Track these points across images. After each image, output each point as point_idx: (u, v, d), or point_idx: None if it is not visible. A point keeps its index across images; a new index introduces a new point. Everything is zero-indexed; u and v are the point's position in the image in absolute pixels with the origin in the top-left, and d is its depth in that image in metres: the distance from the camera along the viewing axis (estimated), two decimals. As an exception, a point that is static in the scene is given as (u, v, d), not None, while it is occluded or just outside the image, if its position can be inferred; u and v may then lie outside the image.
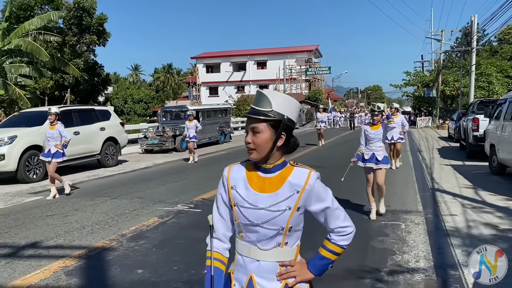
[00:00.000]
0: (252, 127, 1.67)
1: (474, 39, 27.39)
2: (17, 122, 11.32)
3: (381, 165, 6.14)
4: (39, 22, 18.65)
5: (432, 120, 38.30)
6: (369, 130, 6.37)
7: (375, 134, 6.27)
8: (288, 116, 1.66)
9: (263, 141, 1.65)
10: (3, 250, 5.10)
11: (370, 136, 6.30)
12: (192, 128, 13.54)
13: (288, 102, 1.69)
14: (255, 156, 1.69)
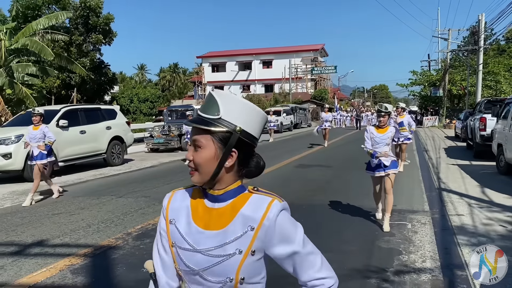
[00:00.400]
0: (193, 140, 1.27)
1: (482, 38, 27.19)
2: (24, 121, 11.36)
3: (389, 170, 5.62)
4: (47, 22, 18.75)
5: (439, 120, 38.11)
6: (375, 133, 5.77)
7: (381, 138, 5.68)
8: (242, 128, 1.23)
9: (205, 159, 1.24)
10: (9, 248, 5.13)
11: (375, 140, 5.72)
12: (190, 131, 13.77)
13: (245, 109, 1.26)
14: (197, 179, 1.28)
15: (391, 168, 5.63)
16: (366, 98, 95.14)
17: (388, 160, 5.62)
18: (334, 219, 6.19)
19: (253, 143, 1.28)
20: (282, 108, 32.67)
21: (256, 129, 1.28)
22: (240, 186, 1.32)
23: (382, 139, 5.68)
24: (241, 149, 1.25)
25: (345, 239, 5.19)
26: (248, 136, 1.25)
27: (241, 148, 1.25)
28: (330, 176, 10.05)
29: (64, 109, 11.60)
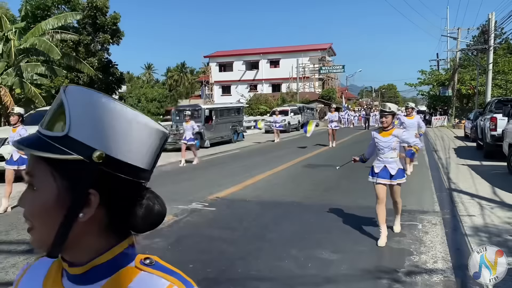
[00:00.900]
0: (26, 173, 0.75)
1: (492, 37, 26.95)
2: (33, 120, 11.45)
3: (396, 180, 5.06)
4: (56, 22, 18.87)
5: (448, 120, 37.83)
6: (379, 137, 5.20)
7: (386, 143, 5.11)
8: (106, 152, 0.70)
9: (42, 208, 0.72)
10: (21, 246, 5.16)
11: (380, 145, 5.16)
12: (188, 130, 12.68)
13: (115, 119, 0.73)
14: (36, 242, 0.73)
15: (397, 178, 5.06)
16: (374, 97, 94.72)
17: (395, 169, 5.05)
18: (344, 219, 6.15)
19: (134, 177, 0.75)
20: (289, 107, 32.62)
21: (139, 154, 0.75)
22: (120, 254, 0.80)
23: (388, 143, 5.10)
24: (108, 189, 0.72)
25: (356, 239, 5.16)
26: (119, 167, 0.72)
27: (108, 189, 0.72)
28: (339, 176, 10.00)
29: (73, 109, 11.65)
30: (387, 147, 5.07)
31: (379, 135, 5.16)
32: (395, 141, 5.08)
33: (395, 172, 5.01)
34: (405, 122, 9.69)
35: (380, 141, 5.12)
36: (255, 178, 9.73)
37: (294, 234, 5.44)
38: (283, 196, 7.86)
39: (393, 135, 5.04)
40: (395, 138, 5.08)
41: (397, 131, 5.14)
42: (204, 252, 4.75)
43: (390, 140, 5.07)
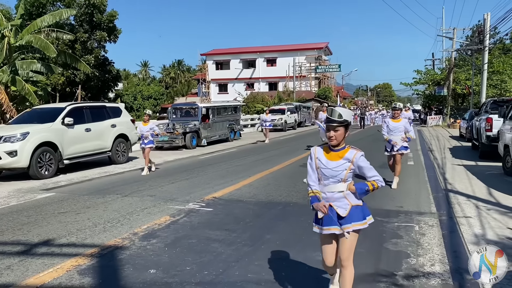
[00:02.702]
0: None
1: (487, 37, 27.03)
2: (29, 118, 11.40)
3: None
4: (51, 19, 18.74)
5: (443, 119, 37.95)
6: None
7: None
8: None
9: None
10: (16, 247, 5.13)
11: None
12: (147, 132, 10.93)
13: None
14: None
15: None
16: (369, 96, 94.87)
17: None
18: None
19: None
20: (286, 106, 32.60)
21: None
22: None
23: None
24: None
25: (352, 241, 5.15)
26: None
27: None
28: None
29: (69, 107, 11.60)
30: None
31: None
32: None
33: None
34: (389, 125, 8.61)
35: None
36: (251, 178, 9.72)
37: (291, 235, 5.43)
38: (280, 196, 7.86)
39: None
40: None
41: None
42: (201, 254, 4.73)
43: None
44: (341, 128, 3.08)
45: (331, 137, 3.09)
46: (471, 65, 34.33)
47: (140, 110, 40.20)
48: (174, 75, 69.32)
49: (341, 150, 3.15)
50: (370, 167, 3.11)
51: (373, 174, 3.13)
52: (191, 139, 17.26)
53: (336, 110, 3.08)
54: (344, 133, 3.10)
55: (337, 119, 3.05)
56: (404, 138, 8.48)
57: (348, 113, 3.10)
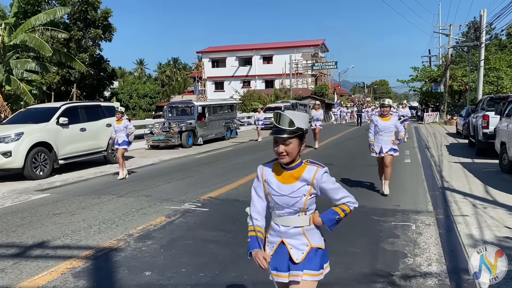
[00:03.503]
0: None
1: (483, 34, 27.04)
2: (23, 118, 11.32)
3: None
4: (45, 18, 18.61)
5: (440, 116, 38.02)
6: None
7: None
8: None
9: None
10: (10, 250, 5.07)
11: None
12: (121, 131, 10.01)
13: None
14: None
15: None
16: (366, 93, 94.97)
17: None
18: (337, 220, 6.12)
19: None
20: (282, 104, 32.54)
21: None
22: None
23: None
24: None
25: (349, 241, 5.13)
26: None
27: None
28: (333, 174, 9.93)
29: (64, 107, 11.52)
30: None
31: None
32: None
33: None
34: (378, 124, 7.60)
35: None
36: (248, 177, 9.68)
37: (287, 235, 5.40)
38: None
39: None
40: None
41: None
42: (196, 255, 4.69)
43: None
44: (294, 140, 2.28)
45: (281, 153, 2.28)
46: (468, 62, 34.38)
47: (136, 108, 40.10)
48: (170, 73, 69.14)
49: (296, 168, 2.35)
50: (337, 187, 2.41)
51: (342, 196, 2.42)
52: (187, 138, 17.20)
53: (286, 116, 2.27)
54: (298, 146, 2.31)
55: (288, 127, 2.25)
56: (394, 141, 7.53)
57: (302, 118, 2.32)
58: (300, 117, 2.29)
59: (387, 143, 7.51)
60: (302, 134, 2.31)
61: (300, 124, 2.27)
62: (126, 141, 10.03)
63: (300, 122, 2.27)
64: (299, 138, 2.30)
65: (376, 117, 7.76)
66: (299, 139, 2.30)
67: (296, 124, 2.24)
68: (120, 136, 9.99)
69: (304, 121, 2.31)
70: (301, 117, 2.30)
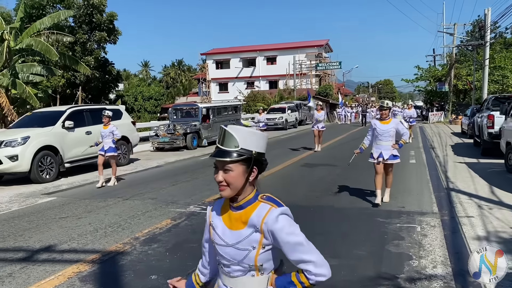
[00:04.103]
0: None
1: (488, 33, 26.92)
2: (30, 122, 11.41)
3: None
4: (50, 21, 18.74)
5: (445, 115, 37.86)
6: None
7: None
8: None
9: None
10: (18, 254, 5.12)
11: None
12: (107, 136, 9.42)
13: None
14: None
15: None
16: (371, 93, 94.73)
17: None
18: (341, 222, 6.14)
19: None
20: (287, 105, 32.55)
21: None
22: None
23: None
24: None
25: (353, 243, 5.14)
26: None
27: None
28: (336, 175, 9.99)
29: (69, 110, 11.60)
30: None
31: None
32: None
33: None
34: (377, 128, 6.96)
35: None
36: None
37: (292, 238, 5.41)
38: (280, 197, 7.76)
39: None
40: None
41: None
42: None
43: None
44: (236, 166, 1.65)
45: (219, 182, 1.67)
46: (472, 61, 34.23)
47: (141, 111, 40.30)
48: (174, 75, 69.32)
49: (246, 207, 1.70)
50: (296, 242, 1.65)
51: (301, 258, 1.65)
52: (192, 139, 17.25)
53: (230, 133, 1.68)
54: (244, 175, 1.66)
55: (230, 148, 1.66)
56: (394, 145, 6.87)
57: (254, 138, 1.70)
58: (250, 136, 1.68)
59: (387, 148, 6.84)
60: (250, 159, 1.66)
61: (248, 145, 1.66)
62: (113, 147, 9.45)
63: (249, 142, 1.67)
64: (246, 165, 1.66)
65: (374, 121, 7.14)
66: (246, 165, 1.66)
67: (240, 144, 1.65)
68: (106, 142, 9.41)
69: (255, 142, 1.69)
70: (252, 136, 1.69)
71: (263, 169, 1.73)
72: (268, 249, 1.68)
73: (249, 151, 1.66)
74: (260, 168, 1.72)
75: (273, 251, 1.71)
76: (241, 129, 1.70)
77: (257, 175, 1.72)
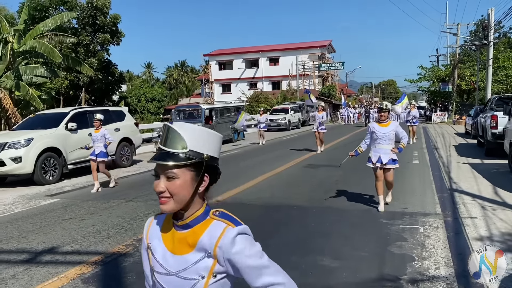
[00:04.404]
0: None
1: (492, 32, 26.83)
2: (33, 124, 11.46)
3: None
4: (53, 23, 18.81)
5: (448, 115, 37.75)
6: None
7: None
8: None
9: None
10: (21, 255, 5.14)
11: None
12: (98, 141, 9.11)
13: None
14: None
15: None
16: (374, 93, 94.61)
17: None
18: (344, 223, 6.13)
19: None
20: (289, 105, 32.54)
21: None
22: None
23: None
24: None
25: (356, 244, 5.13)
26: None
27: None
28: (339, 176, 9.97)
29: (72, 112, 11.65)
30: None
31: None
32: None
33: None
34: (375, 131, 6.60)
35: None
36: (255, 180, 9.70)
37: (294, 239, 5.41)
38: (283, 199, 7.84)
39: None
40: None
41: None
42: (204, 260, 4.72)
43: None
44: (183, 172, 1.33)
45: (160, 192, 1.33)
46: (476, 61, 34.13)
47: (144, 112, 40.40)
48: (177, 76, 69.45)
49: (194, 226, 1.39)
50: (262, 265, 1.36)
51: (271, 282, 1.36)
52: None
53: (176, 131, 1.35)
54: (192, 184, 1.35)
55: (176, 150, 1.33)
56: (394, 149, 6.51)
57: (206, 137, 1.38)
58: (202, 135, 1.36)
59: (387, 152, 6.49)
60: (201, 164, 1.34)
61: (199, 147, 1.34)
62: (104, 152, 9.10)
63: (200, 143, 1.34)
64: (195, 171, 1.34)
65: (373, 123, 6.77)
66: (195, 172, 1.34)
67: (189, 146, 1.32)
68: (97, 147, 9.05)
69: (208, 143, 1.37)
70: (204, 136, 1.37)
71: (216, 178, 1.42)
72: (222, 278, 1.36)
73: (199, 154, 1.33)
74: (213, 177, 1.40)
75: (227, 280, 1.38)
76: (190, 126, 1.36)
77: (209, 185, 1.39)
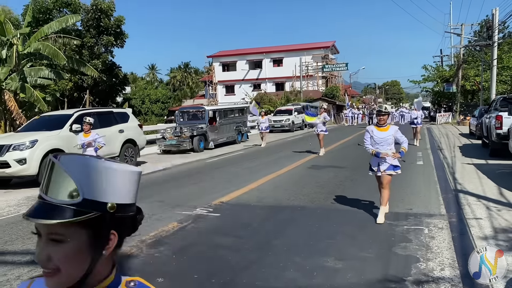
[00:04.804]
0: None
1: (496, 32, 26.73)
2: (37, 125, 11.50)
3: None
4: (57, 26, 18.91)
5: (453, 116, 37.62)
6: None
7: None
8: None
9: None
10: (26, 257, 5.16)
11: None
12: (88, 145, 8.73)
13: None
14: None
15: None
16: (377, 94, 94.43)
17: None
18: (348, 224, 6.12)
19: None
20: (293, 106, 32.54)
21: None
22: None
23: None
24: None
25: (360, 245, 5.12)
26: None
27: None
28: (343, 177, 9.95)
29: (77, 114, 11.68)
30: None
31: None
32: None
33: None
34: (374, 135, 6.22)
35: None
36: (259, 181, 9.70)
37: (298, 240, 5.40)
38: (288, 200, 7.83)
39: None
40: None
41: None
42: (208, 262, 4.72)
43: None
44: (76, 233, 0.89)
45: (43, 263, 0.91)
46: (480, 61, 33.99)
47: (148, 114, 40.53)
48: (181, 78, 69.60)
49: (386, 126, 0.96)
50: None
51: None
52: (198, 142, 17.28)
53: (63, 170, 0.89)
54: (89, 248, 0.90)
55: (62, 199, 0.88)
56: (395, 154, 6.12)
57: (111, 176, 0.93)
58: (102, 174, 0.93)
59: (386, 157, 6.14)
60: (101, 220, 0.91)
61: (99, 193, 0.91)
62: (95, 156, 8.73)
63: (100, 188, 0.91)
64: (94, 228, 0.91)
65: (371, 127, 6.36)
66: (94, 230, 0.91)
67: (82, 192, 0.89)
68: (88, 151, 8.62)
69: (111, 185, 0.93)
70: (106, 175, 0.93)
71: (134, 228, 1.01)
72: None
73: (100, 204, 0.90)
74: (124, 230, 0.97)
75: None
76: (85, 162, 0.93)
77: (119, 242, 0.96)
